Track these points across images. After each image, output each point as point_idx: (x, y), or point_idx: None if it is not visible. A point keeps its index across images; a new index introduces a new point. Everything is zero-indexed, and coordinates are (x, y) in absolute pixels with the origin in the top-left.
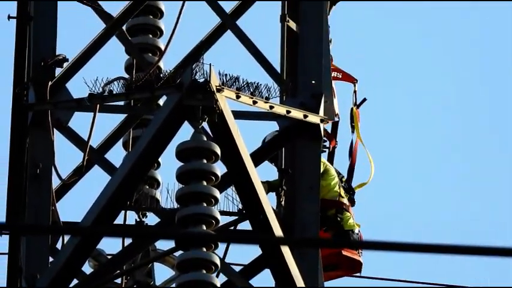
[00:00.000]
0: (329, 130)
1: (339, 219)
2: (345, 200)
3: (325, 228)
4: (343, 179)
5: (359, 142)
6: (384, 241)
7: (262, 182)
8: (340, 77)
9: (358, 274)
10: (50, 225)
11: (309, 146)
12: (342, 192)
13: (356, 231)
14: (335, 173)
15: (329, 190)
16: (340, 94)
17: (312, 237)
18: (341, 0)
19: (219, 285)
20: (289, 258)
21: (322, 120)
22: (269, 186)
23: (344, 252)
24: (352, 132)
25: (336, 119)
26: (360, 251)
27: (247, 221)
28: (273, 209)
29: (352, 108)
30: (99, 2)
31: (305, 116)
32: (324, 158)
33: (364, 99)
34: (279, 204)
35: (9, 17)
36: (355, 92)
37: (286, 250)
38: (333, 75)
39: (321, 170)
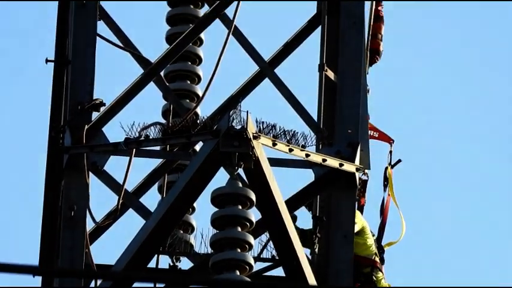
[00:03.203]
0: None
1: (374, 278)
2: (377, 259)
3: (360, 284)
4: (374, 238)
5: (391, 201)
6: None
7: (296, 228)
8: (377, 136)
9: None
10: (83, 268)
11: (343, 195)
12: (376, 252)
13: None
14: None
15: (366, 248)
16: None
17: (346, 285)
18: (376, 62)
19: None
20: None
21: (357, 169)
22: (302, 233)
23: None
24: (384, 191)
25: (365, 177)
26: None
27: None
28: (306, 256)
29: (386, 168)
30: (138, 48)
31: (341, 165)
32: (361, 216)
33: (399, 160)
34: (313, 251)
35: (47, 61)
36: (390, 152)
37: None
38: (369, 133)
39: (359, 228)
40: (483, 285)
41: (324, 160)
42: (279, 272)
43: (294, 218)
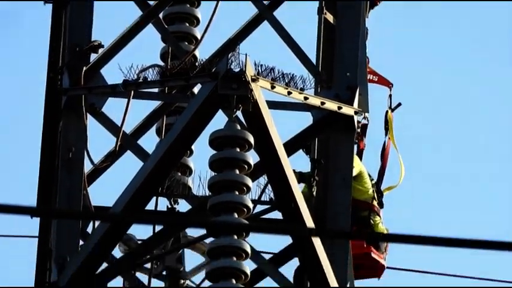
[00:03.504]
0: (359, 131)
1: (371, 221)
2: (376, 203)
3: (357, 228)
4: (373, 182)
5: (391, 146)
6: (417, 235)
7: (294, 172)
8: (376, 80)
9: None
10: (81, 210)
11: (342, 138)
12: (375, 196)
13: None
14: (368, 175)
15: (364, 192)
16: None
17: (343, 228)
18: (377, 5)
19: (248, 273)
20: (320, 248)
21: (356, 112)
22: (300, 176)
23: (373, 255)
24: (385, 135)
25: (365, 121)
26: (385, 254)
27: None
28: (304, 198)
29: (387, 112)
30: None
31: (339, 108)
32: (359, 160)
33: (399, 104)
34: (311, 194)
35: (46, 2)
36: (390, 96)
37: (316, 240)
38: (368, 78)
39: (356, 172)
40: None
41: (323, 103)
42: (276, 215)
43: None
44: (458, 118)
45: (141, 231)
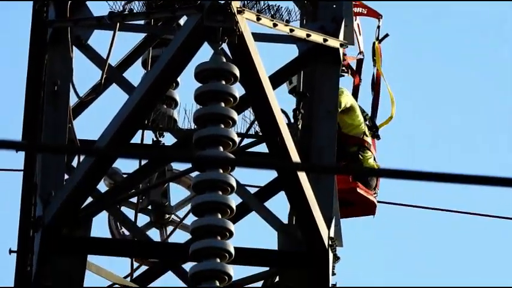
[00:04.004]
0: (354, 67)
1: (360, 156)
2: (369, 139)
3: (345, 163)
4: (367, 117)
5: (381, 76)
6: (401, 169)
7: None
8: (365, 12)
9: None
10: (66, 144)
11: (328, 70)
12: (367, 131)
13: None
14: (360, 110)
15: (354, 127)
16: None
17: (329, 162)
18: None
19: (234, 207)
20: (305, 182)
21: (342, 45)
22: None
23: (359, 190)
24: (374, 66)
25: (360, 56)
26: (376, 191)
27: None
28: (289, 131)
29: (374, 43)
30: None
31: (325, 40)
32: (349, 94)
33: (387, 35)
34: (296, 127)
35: None
36: (378, 27)
37: (302, 174)
38: (358, 10)
39: (346, 105)
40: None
41: (308, 35)
42: (262, 148)
43: None
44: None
45: (126, 165)
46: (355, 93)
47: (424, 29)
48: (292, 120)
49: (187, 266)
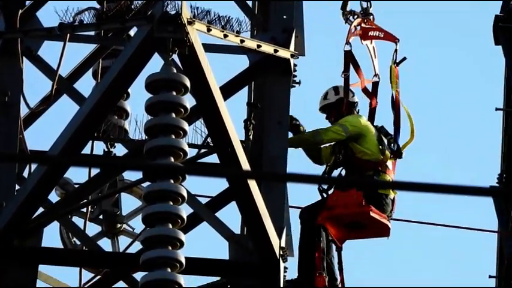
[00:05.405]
0: (370, 90)
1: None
2: (389, 164)
3: (360, 188)
4: (391, 140)
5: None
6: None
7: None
8: (382, 36)
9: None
10: (17, 153)
11: (278, 81)
12: (387, 156)
13: (391, 196)
14: (375, 136)
15: (366, 154)
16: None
17: (280, 172)
18: None
19: (185, 217)
20: (256, 192)
21: (292, 55)
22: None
23: (372, 214)
24: (392, 87)
25: (376, 79)
26: (391, 214)
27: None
28: (241, 142)
29: (391, 66)
30: None
31: (275, 51)
32: (363, 122)
33: (404, 58)
34: (247, 138)
35: None
36: (396, 50)
37: (253, 184)
38: (375, 34)
39: (355, 133)
40: None
41: (259, 46)
42: (213, 159)
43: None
44: None
45: (77, 175)
46: (371, 115)
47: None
48: None
49: (138, 276)
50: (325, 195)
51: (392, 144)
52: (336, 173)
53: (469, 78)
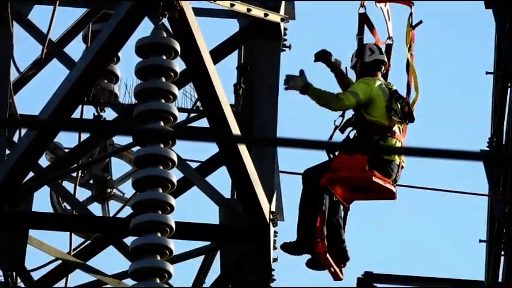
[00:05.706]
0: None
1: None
2: (396, 129)
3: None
4: (403, 103)
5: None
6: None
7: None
8: None
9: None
10: (7, 117)
11: (268, 45)
12: (395, 121)
13: (396, 162)
14: (385, 102)
15: (379, 116)
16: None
17: (269, 136)
18: None
19: (175, 181)
20: (246, 156)
21: (282, 19)
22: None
23: (375, 179)
24: (408, 51)
25: (389, 41)
26: (396, 179)
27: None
28: (230, 106)
29: (407, 29)
30: None
31: (265, 15)
32: (378, 82)
33: (420, 21)
34: (237, 102)
35: None
36: (411, 14)
37: (243, 148)
38: None
39: (364, 97)
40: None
41: (249, 10)
42: (203, 123)
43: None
44: None
45: (68, 140)
46: (384, 79)
47: None
48: None
49: (129, 240)
50: (331, 156)
51: (405, 108)
52: (344, 135)
53: (459, 42)
